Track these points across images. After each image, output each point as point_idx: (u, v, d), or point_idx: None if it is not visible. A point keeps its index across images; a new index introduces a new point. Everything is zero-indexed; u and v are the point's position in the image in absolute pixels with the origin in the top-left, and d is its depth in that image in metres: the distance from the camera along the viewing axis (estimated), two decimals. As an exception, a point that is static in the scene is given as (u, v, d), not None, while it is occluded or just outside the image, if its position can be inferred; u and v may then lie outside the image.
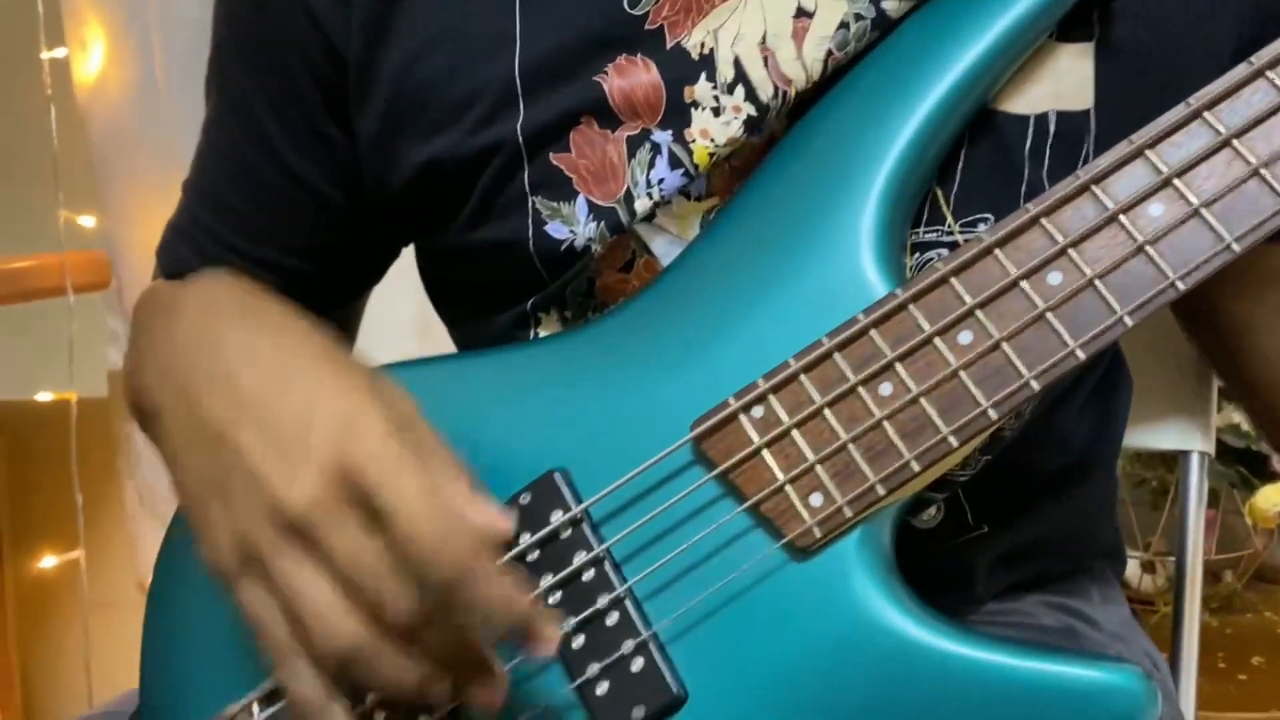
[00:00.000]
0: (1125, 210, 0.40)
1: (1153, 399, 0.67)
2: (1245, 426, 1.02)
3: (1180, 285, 0.38)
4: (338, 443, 0.38)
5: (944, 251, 0.47)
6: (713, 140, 0.48)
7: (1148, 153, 0.40)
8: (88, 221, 1.24)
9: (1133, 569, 1.13)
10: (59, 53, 1.21)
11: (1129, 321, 0.39)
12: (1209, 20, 0.48)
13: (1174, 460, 1.05)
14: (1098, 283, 0.39)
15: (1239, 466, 1.04)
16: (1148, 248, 0.39)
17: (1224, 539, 1.12)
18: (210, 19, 0.56)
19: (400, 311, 0.85)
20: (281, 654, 0.39)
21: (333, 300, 0.61)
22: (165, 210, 0.62)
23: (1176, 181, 0.39)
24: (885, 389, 0.40)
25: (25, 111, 1.26)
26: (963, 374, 0.39)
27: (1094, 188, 0.40)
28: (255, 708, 0.44)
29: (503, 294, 0.53)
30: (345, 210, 0.56)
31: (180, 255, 0.59)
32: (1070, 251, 0.40)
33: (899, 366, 0.40)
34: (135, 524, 1.34)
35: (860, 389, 0.40)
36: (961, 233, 0.47)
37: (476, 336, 0.57)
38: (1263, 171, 0.39)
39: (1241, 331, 0.56)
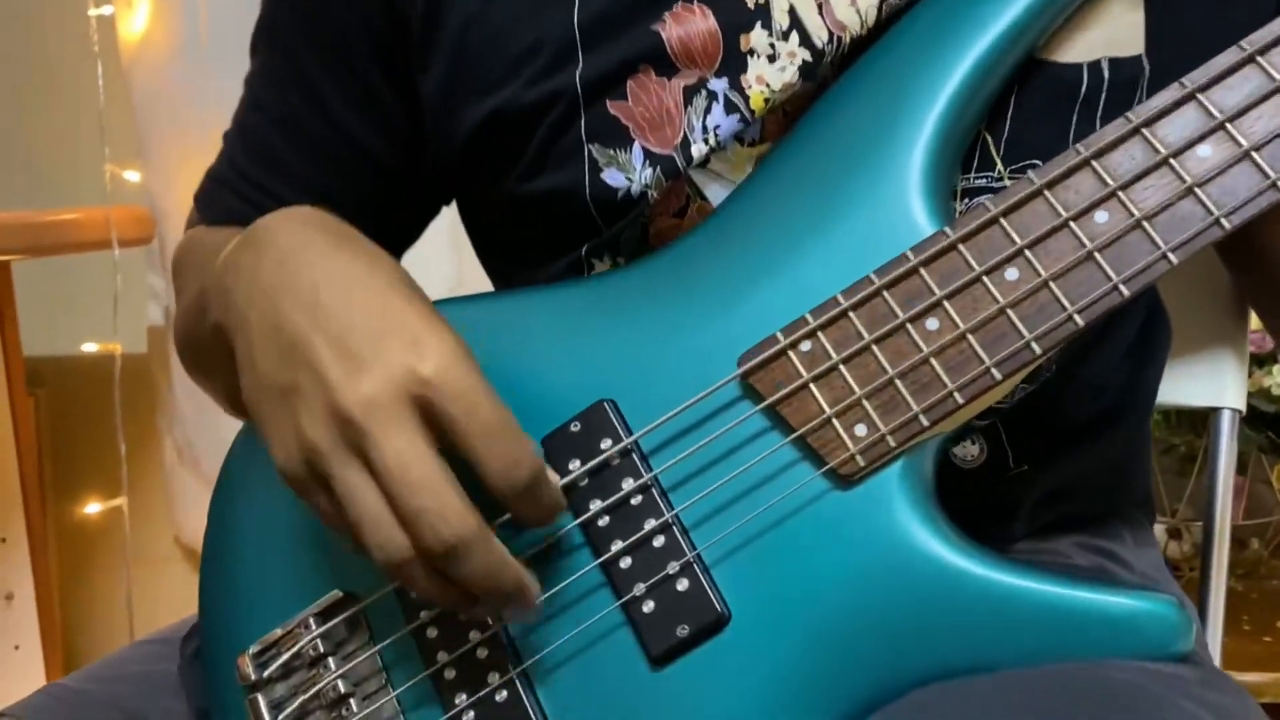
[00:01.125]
0: (1176, 155, 0.40)
1: (1187, 354, 0.68)
2: (1277, 390, 1.02)
3: (1225, 224, 0.39)
4: (404, 354, 0.40)
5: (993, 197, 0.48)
6: (768, 86, 0.48)
7: (1199, 96, 0.40)
8: (133, 176, 1.26)
9: (1159, 534, 1.13)
10: (105, 10, 1.23)
11: (1174, 259, 0.39)
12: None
13: (1202, 425, 1.06)
14: (1145, 223, 0.40)
15: (1269, 432, 1.04)
16: (1196, 189, 0.40)
17: (1251, 506, 1.12)
18: (257, -21, 0.58)
19: (434, 272, 0.87)
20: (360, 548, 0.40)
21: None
22: (208, 167, 0.63)
23: (1229, 125, 0.40)
24: (932, 324, 0.41)
25: (72, 68, 1.28)
26: (1010, 311, 0.40)
27: (1144, 131, 0.41)
28: (312, 622, 0.46)
29: (557, 242, 0.54)
30: (394, 168, 0.57)
31: (227, 204, 0.61)
32: (1120, 194, 0.40)
33: (947, 304, 0.41)
34: (174, 479, 1.37)
35: (908, 326, 0.42)
36: (1011, 179, 0.48)
37: (528, 276, 0.58)
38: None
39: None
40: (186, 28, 1.15)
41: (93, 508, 1.34)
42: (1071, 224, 0.41)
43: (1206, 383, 0.69)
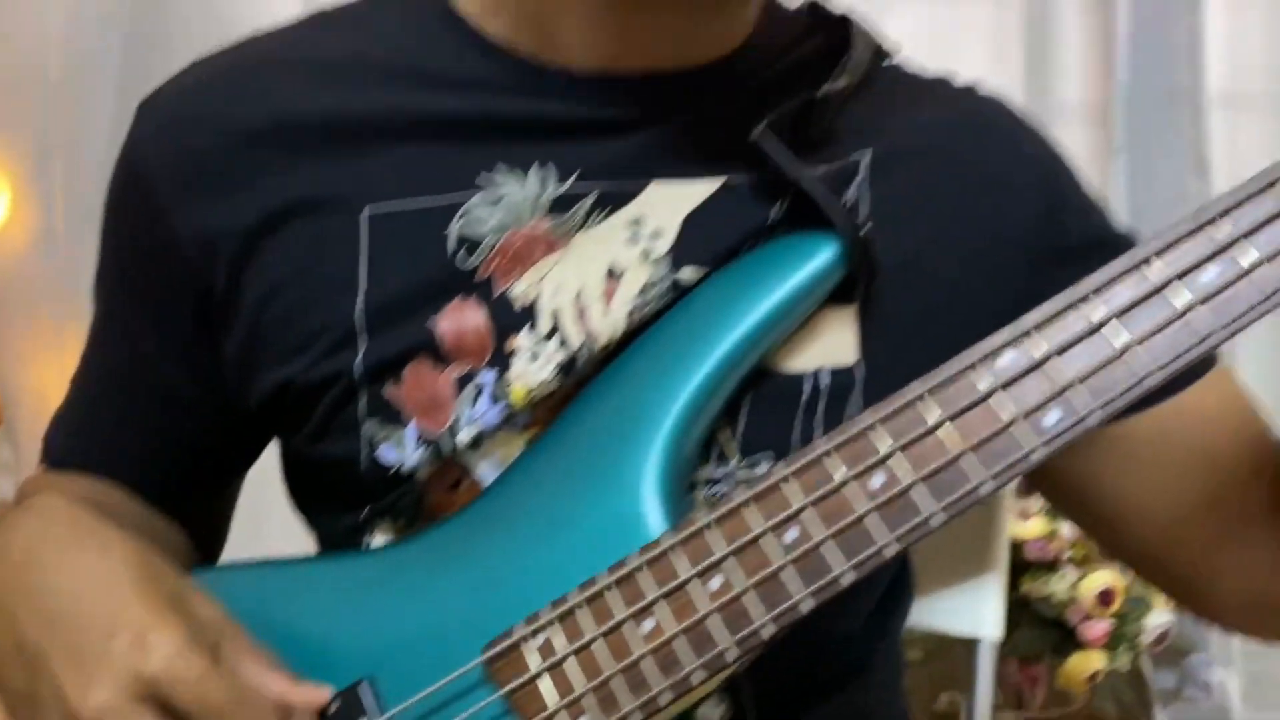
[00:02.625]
0: (888, 457, 0.46)
1: (948, 583, 0.74)
2: (1059, 597, 1.10)
3: (934, 522, 0.45)
4: (129, 655, 0.43)
5: (724, 487, 0.54)
6: (529, 382, 0.54)
7: (926, 397, 0.46)
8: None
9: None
10: (-35, 196, 1.25)
11: (892, 551, 0.45)
12: (966, 289, 0.56)
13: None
14: (825, 545, 0.46)
15: (1051, 633, 1.11)
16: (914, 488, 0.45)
17: (1053, 692, 1.19)
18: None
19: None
20: None
21: (204, 491, 0.67)
22: (60, 356, 0.68)
23: (943, 429, 0.46)
24: (648, 625, 0.46)
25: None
26: (710, 617, 0.45)
27: (870, 431, 0.46)
28: None
29: (342, 502, 0.58)
30: (214, 412, 0.61)
31: (63, 448, 0.65)
32: (811, 509, 0.46)
33: (664, 603, 0.46)
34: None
35: (627, 625, 0.46)
36: (744, 470, 0.54)
37: (323, 533, 0.62)
38: (1014, 425, 0.45)
39: (1117, 501, 0.60)
40: (44, 217, 1.18)
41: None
42: (771, 533, 0.46)
43: (966, 614, 0.75)
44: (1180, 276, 0.45)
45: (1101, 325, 0.46)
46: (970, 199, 0.57)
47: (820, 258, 0.53)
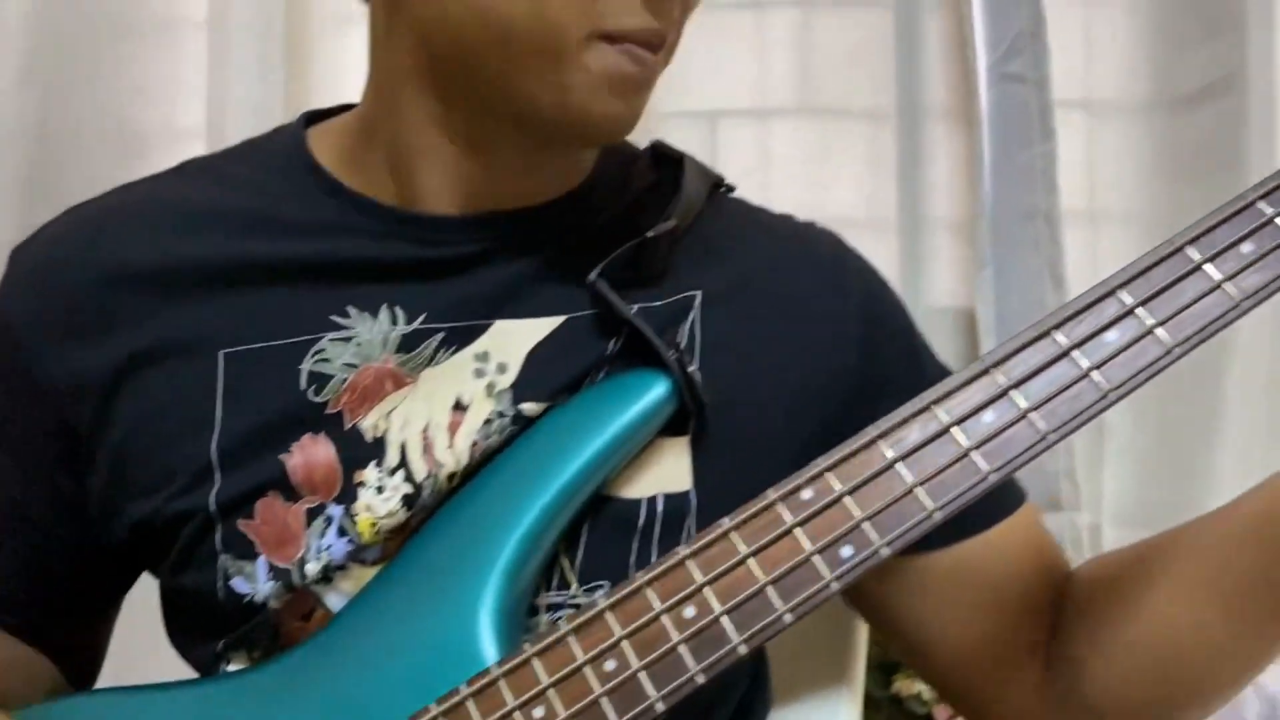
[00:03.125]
0: (713, 580, 0.48)
1: (802, 694, 0.77)
2: (925, 695, 1.13)
3: (743, 649, 0.47)
4: None
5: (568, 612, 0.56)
6: (375, 514, 0.56)
7: (731, 534, 0.49)
8: None
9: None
10: None
11: (701, 680, 0.47)
12: (783, 422, 0.60)
13: None
14: (641, 674, 0.48)
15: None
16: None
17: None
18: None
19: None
20: None
21: (75, 624, 0.67)
22: None
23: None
24: (472, 756, 0.48)
25: None
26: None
27: (687, 562, 0.49)
28: None
29: (203, 630, 0.60)
30: (81, 552, 0.63)
31: None
32: (628, 640, 0.49)
33: (489, 733, 0.49)
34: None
35: (452, 755, 0.48)
36: (584, 597, 0.56)
37: (191, 661, 0.63)
38: (813, 558, 0.49)
39: (915, 628, 0.63)
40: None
41: None
42: (586, 668, 0.49)
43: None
44: (961, 421, 0.50)
45: (893, 464, 0.50)
46: (795, 335, 0.61)
47: (652, 393, 0.57)
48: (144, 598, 0.66)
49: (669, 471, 0.58)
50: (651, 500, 0.58)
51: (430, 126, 0.58)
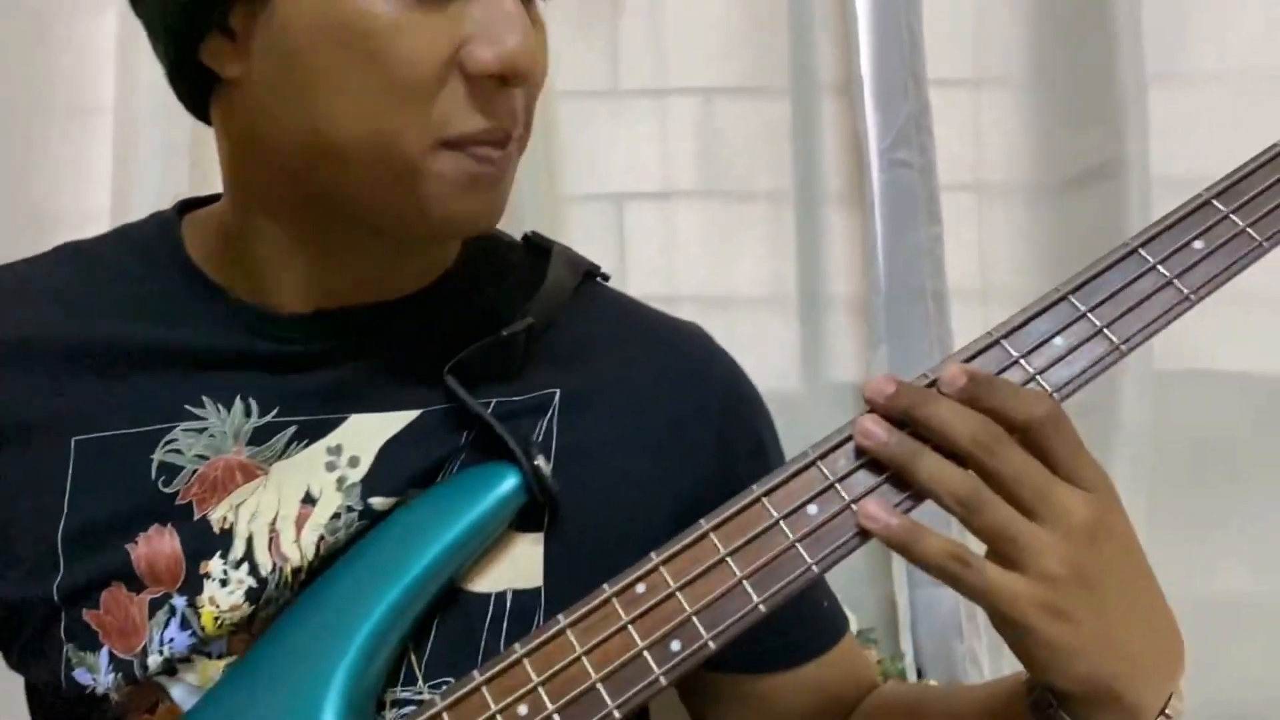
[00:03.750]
0: (547, 679, 0.49)
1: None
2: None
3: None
4: None
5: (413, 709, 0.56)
6: (218, 607, 0.56)
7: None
8: None
9: None
10: None
11: None
12: (638, 522, 0.60)
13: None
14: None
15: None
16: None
17: None
18: None
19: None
20: None
21: None
22: None
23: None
24: None
25: None
26: None
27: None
28: None
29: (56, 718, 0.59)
30: None
31: None
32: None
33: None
34: None
35: None
36: (430, 693, 0.56)
37: None
38: (643, 653, 0.49)
39: None
40: None
41: None
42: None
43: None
44: (786, 516, 0.51)
45: (724, 558, 0.50)
46: (653, 437, 0.62)
47: (501, 487, 0.57)
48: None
49: (521, 567, 0.59)
50: (501, 595, 0.58)
51: (282, 236, 0.59)
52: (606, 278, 0.70)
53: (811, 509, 0.51)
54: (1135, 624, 0.49)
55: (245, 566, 0.57)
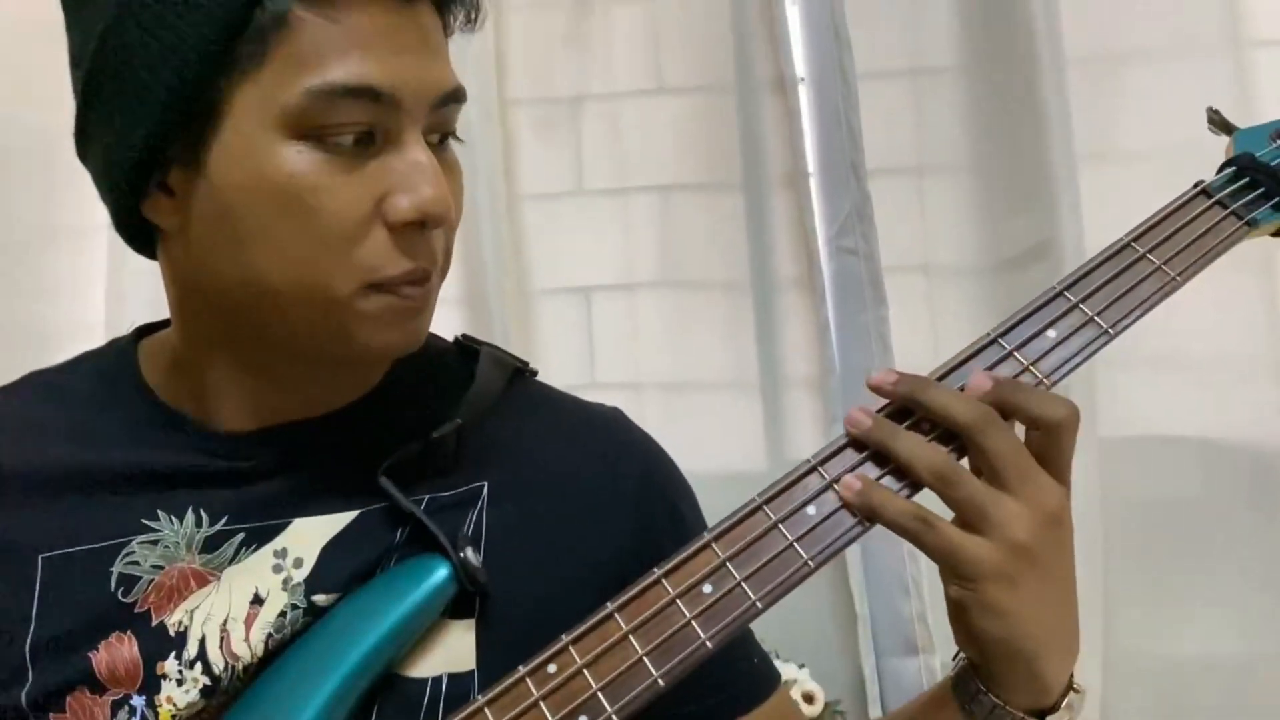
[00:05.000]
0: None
1: None
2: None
3: None
4: None
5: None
6: (175, 705, 0.61)
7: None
8: None
9: None
10: None
11: None
12: (564, 604, 0.63)
13: None
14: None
15: None
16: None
17: None
18: None
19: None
20: None
21: None
22: None
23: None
24: None
25: None
26: None
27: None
28: None
29: None
30: None
31: None
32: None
33: None
34: None
35: None
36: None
37: None
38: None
39: None
40: None
41: None
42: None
43: None
44: (686, 592, 0.55)
45: (626, 635, 0.55)
46: (573, 520, 0.67)
47: (432, 578, 0.62)
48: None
49: (455, 652, 0.63)
50: (437, 680, 0.62)
51: (227, 363, 0.64)
52: (534, 373, 0.75)
53: (706, 587, 0.55)
54: (1058, 605, 0.57)
55: (199, 666, 0.61)
